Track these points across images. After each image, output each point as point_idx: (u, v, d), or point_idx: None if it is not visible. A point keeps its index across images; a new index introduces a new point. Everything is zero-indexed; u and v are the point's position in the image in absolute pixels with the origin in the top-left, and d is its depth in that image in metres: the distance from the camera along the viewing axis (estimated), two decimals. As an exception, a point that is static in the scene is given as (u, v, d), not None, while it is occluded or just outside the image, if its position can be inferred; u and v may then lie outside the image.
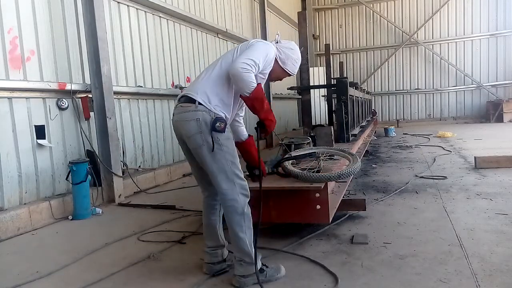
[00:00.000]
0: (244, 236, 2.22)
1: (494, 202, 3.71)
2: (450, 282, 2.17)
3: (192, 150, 2.26)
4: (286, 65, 2.45)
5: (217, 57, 2.56)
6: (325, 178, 2.75)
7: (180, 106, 2.26)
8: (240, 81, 2.13)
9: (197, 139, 2.17)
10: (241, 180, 2.25)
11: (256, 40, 2.40)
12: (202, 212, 2.52)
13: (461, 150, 7.32)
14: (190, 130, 2.18)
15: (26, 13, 4.03)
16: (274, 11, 11.92)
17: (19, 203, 3.86)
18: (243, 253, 2.23)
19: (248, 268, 2.23)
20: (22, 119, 3.94)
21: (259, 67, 2.21)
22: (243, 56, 2.19)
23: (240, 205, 2.21)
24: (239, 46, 2.43)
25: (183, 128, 2.22)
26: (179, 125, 2.26)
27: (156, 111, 6.16)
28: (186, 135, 2.22)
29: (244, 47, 2.35)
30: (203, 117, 2.16)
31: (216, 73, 2.27)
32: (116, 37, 5.35)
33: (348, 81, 5.58)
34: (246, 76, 2.12)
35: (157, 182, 5.75)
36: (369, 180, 5.10)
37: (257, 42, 2.35)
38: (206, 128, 2.15)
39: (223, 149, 2.18)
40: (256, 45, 2.31)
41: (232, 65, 2.17)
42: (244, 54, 2.21)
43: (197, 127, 2.16)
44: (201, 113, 2.16)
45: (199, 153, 2.20)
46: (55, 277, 2.61)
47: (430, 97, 15.02)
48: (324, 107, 10.24)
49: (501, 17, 13.96)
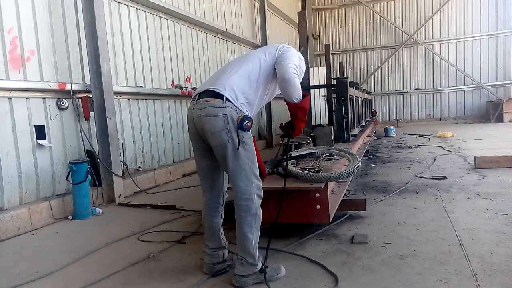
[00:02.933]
0: (252, 237, 2.21)
1: (494, 202, 3.71)
2: (450, 282, 2.17)
3: (214, 147, 2.21)
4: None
5: (217, 57, 2.59)
6: (325, 178, 2.76)
7: (205, 100, 2.19)
8: (292, 87, 2.27)
9: (223, 136, 2.13)
10: (258, 180, 2.25)
11: (288, 46, 2.45)
12: (203, 214, 2.48)
13: (461, 150, 7.32)
14: (216, 126, 2.13)
15: (26, 13, 4.03)
16: (274, 11, 11.91)
17: (19, 203, 3.86)
18: (246, 253, 2.22)
19: (248, 268, 2.23)
20: (22, 119, 3.94)
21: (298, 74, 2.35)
22: (289, 61, 2.29)
23: (254, 205, 2.21)
24: (266, 49, 2.46)
25: (208, 124, 2.15)
26: (203, 120, 2.18)
27: (156, 111, 6.16)
28: (210, 131, 2.16)
29: (273, 51, 2.39)
30: (230, 114, 2.14)
31: (244, 72, 2.28)
32: (116, 37, 5.35)
33: (348, 81, 5.58)
34: (298, 83, 2.28)
35: (157, 182, 5.75)
36: (369, 180, 5.10)
37: (291, 49, 2.42)
38: (233, 125, 2.13)
39: (246, 148, 2.18)
40: (293, 52, 2.40)
41: (284, 70, 2.26)
42: (288, 59, 2.30)
43: (224, 124, 2.12)
44: (229, 110, 2.14)
45: (223, 150, 2.16)
46: (55, 277, 2.61)
47: (430, 97, 15.01)
48: (324, 107, 10.23)
49: (501, 17, 13.96)
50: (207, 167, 2.38)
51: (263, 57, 2.35)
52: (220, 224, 2.48)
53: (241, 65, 2.32)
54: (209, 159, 2.33)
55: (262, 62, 2.34)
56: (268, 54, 2.38)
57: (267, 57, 2.36)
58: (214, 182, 2.41)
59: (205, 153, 2.32)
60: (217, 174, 2.40)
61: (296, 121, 2.45)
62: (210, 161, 2.34)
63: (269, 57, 2.36)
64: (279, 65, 2.30)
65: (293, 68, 2.26)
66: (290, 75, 2.24)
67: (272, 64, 2.34)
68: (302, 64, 2.53)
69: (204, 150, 2.31)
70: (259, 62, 2.33)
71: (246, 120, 2.14)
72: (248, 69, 2.29)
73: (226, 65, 2.43)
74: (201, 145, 2.31)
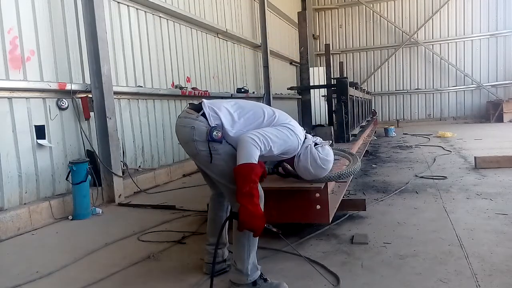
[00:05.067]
0: (245, 242, 2.12)
1: (494, 202, 3.71)
2: (450, 282, 2.17)
3: (190, 156, 2.24)
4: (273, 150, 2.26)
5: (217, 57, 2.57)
6: (325, 178, 2.75)
7: (186, 111, 2.24)
8: (240, 146, 2.05)
9: (191, 147, 2.15)
10: None
11: (291, 126, 2.32)
12: (208, 207, 2.53)
13: (461, 150, 7.32)
14: (185, 137, 2.17)
15: (26, 13, 4.03)
16: (274, 11, 11.92)
17: (19, 203, 3.86)
18: (238, 259, 2.14)
19: (238, 276, 2.14)
20: (22, 119, 3.94)
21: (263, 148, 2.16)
22: (263, 132, 2.14)
23: None
24: (277, 115, 2.32)
25: (180, 134, 2.22)
26: (177, 129, 2.26)
27: (156, 111, 6.16)
28: (182, 140, 2.21)
29: (279, 121, 2.28)
30: (198, 127, 2.11)
31: (249, 119, 2.22)
32: (116, 37, 5.35)
33: (348, 81, 5.59)
34: (249, 148, 2.04)
35: (157, 182, 5.75)
36: (369, 180, 5.10)
37: (289, 132, 2.30)
38: (201, 137, 2.10)
39: (222, 158, 2.11)
40: (286, 134, 2.27)
41: (245, 133, 2.10)
42: (265, 130, 2.16)
43: (191, 136, 2.12)
44: (198, 123, 2.12)
45: (196, 159, 2.22)
46: (55, 277, 2.61)
47: (430, 97, 15.02)
48: (324, 107, 10.23)
49: (501, 17, 13.97)
50: (202, 170, 2.39)
51: (266, 120, 2.27)
52: (224, 219, 2.47)
53: (246, 111, 2.25)
54: None
55: (262, 121, 2.26)
56: (273, 119, 2.28)
57: (269, 120, 2.27)
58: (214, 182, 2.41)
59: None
60: None
61: (237, 196, 1.97)
62: None
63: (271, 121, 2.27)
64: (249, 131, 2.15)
65: (258, 136, 2.06)
66: (245, 138, 2.04)
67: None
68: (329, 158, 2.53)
69: None
70: (261, 119, 2.25)
71: (215, 130, 2.09)
72: (245, 116, 2.23)
73: (234, 103, 2.33)
74: None
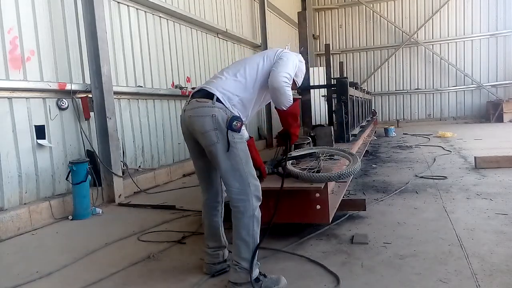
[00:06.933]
0: (249, 240, 2.12)
1: (494, 202, 3.71)
2: (450, 282, 2.17)
3: (205, 147, 2.19)
4: (297, 77, 2.53)
5: (217, 57, 2.59)
6: (325, 178, 2.75)
7: (196, 100, 2.19)
8: (281, 95, 2.29)
9: (212, 136, 2.11)
10: (255, 181, 2.19)
11: (287, 52, 2.45)
12: (202, 213, 2.48)
13: (461, 150, 7.32)
14: (205, 127, 2.11)
15: (26, 13, 4.03)
16: (274, 11, 11.91)
17: (19, 203, 3.87)
18: (241, 258, 2.12)
19: (242, 275, 2.12)
20: (22, 119, 3.94)
21: (291, 81, 2.38)
22: (281, 69, 2.30)
23: (251, 206, 2.13)
24: (266, 53, 2.46)
25: (197, 124, 2.15)
26: (192, 120, 2.18)
27: (156, 111, 6.16)
28: (200, 131, 2.14)
29: (272, 55, 2.40)
30: (220, 114, 2.12)
31: (241, 76, 2.28)
32: (116, 37, 5.35)
33: (348, 81, 5.58)
34: (287, 91, 2.29)
35: (157, 182, 5.75)
36: (369, 180, 5.10)
37: (289, 55, 2.42)
38: (222, 125, 2.11)
39: (237, 148, 2.13)
40: (289, 58, 2.40)
41: (274, 78, 2.28)
42: (281, 67, 2.31)
43: (212, 124, 2.10)
44: (218, 110, 2.12)
45: (213, 150, 2.13)
46: (55, 277, 2.61)
47: (430, 97, 15.03)
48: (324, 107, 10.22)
49: (501, 17, 13.97)
50: (202, 167, 2.38)
51: (261, 62, 2.35)
52: (220, 223, 2.47)
53: (239, 69, 2.32)
54: (204, 159, 2.32)
55: (260, 67, 2.33)
56: (266, 59, 2.38)
57: (265, 62, 2.36)
58: (211, 181, 2.40)
59: (199, 153, 2.31)
60: (214, 174, 2.40)
61: (290, 128, 2.48)
62: (205, 161, 2.33)
63: (267, 62, 2.36)
64: (271, 72, 2.31)
65: (283, 76, 2.27)
66: (279, 83, 2.25)
67: (269, 69, 2.34)
68: (302, 67, 2.54)
69: (198, 150, 2.30)
70: (256, 67, 2.33)
71: (235, 120, 2.12)
72: (245, 73, 2.29)
73: (224, 68, 2.43)
74: (195, 146, 2.31)
